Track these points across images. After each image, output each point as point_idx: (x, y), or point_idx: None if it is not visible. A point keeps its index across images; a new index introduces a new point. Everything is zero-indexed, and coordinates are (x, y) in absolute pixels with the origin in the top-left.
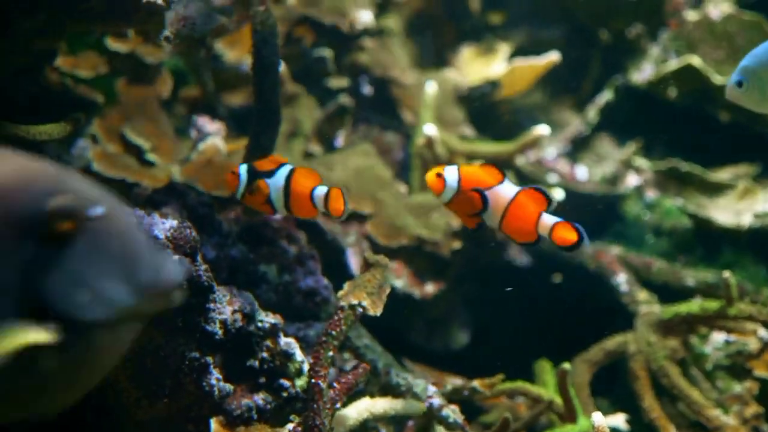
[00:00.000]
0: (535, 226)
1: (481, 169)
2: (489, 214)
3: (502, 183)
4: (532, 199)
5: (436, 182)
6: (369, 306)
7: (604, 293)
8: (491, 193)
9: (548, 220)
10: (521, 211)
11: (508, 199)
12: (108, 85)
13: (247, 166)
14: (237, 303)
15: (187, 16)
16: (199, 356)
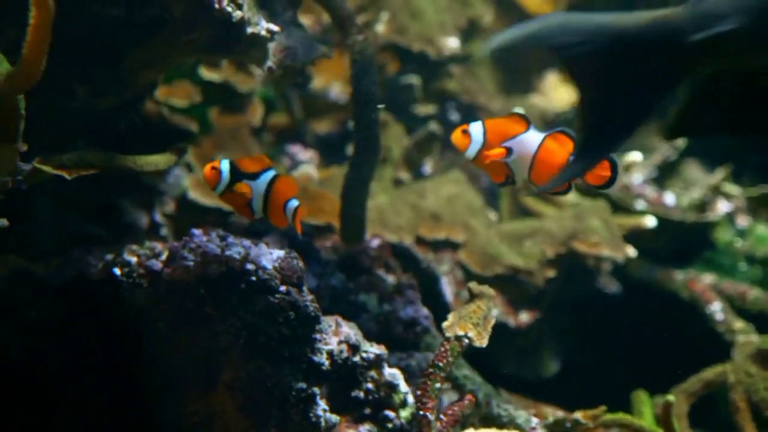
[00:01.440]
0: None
1: (506, 119)
2: (517, 164)
3: (527, 131)
4: (559, 143)
5: (461, 138)
6: (475, 337)
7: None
8: (517, 142)
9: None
10: (549, 156)
11: (534, 147)
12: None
13: (229, 163)
14: (343, 333)
15: (289, 46)
16: (306, 387)
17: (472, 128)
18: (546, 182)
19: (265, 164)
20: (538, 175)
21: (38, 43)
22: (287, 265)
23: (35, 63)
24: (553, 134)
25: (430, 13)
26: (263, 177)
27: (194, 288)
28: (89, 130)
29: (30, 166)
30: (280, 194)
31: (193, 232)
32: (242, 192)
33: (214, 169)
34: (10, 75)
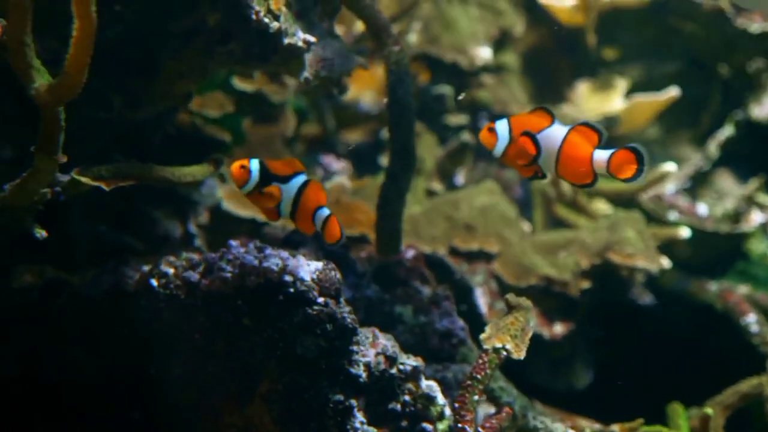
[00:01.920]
0: (590, 164)
1: (531, 115)
2: (543, 158)
3: (552, 125)
4: (583, 136)
5: (488, 137)
6: (513, 349)
7: (732, 334)
8: (543, 136)
9: (602, 154)
10: (574, 149)
11: (559, 140)
12: (235, 124)
13: (259, 163)
14: (380, 345)
15: (326, 57)
16: (343, 399)
17: (498, 126)
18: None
19: (296, 168)
20: (565, 167)
21: (81, 55)
22: (325, 276)
23: (77, 74)
24: (577, 127)
25: (462, 23)
26: (294, 181)
27: (232, 299)
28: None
29: (68, 178)
30: (310, 201)
31: (231, 243)
32: (272, 194)
33: (243, 167)
34: (51, 86)
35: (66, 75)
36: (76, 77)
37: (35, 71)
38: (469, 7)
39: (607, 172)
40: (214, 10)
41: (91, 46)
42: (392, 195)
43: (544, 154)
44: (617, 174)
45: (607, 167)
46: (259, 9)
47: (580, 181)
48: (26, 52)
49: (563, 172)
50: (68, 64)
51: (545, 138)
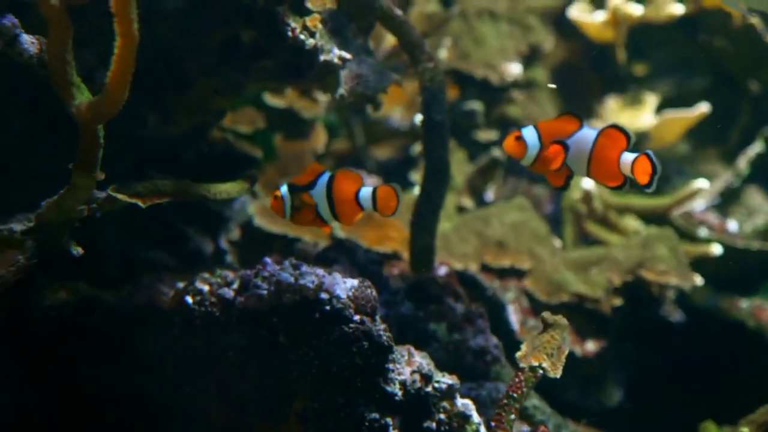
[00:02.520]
0: (618, 166)
1: (558, 120)
2: (575, 162)
3: (581, 129)
4: (613, 138)
5: (515, 146)
6: (549, 368)
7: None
8: (572, 141)
9: (628, 157)
10: (605, 151)
11: (590, 143)
12: (267, 140)
13: (287, 185)
14: (415, 363)
15: (361, 74)
16: (379, 417)
17: (526, 133)
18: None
19: (317, 170)
20: (597, 170)
21: (122, 72)
22: (361, 294)
23: (119, 92)
24: (605, 130)
25: (492, 39)
26: (320, 181)
27: (267, 317)
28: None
29: (105, 194)
30: (343, 191)
31: (266, 260)
32: (304, 202)
33: (276, 197)
34: (92, 104)
35: (107, 92)
36: (117, 94)
37: (76, 88)
38: (499, 23)
39: (630, 173)
40: (249, 27)
41: (132, 63)
42: (426, 211)
43: (576, 157)
44: (638, 179)
45: (631, 170)
46: (295, 26)
47: (612, 183)
48: (67, 69)
49: (596, 174)
50: (110, 82)
51: (577, 141)
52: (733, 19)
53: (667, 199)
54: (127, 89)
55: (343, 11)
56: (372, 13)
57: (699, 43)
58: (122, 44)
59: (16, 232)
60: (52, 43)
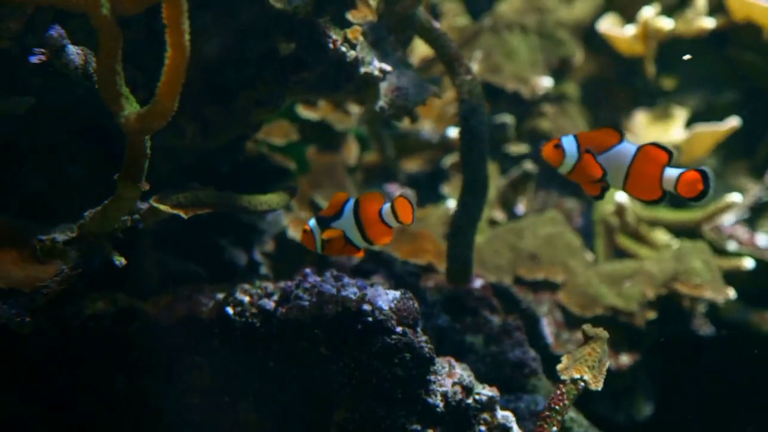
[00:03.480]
0: (659, 181)
1: (598, 132)
2: (612, 176)
3: (621, 143)
4: (653, 154)
5: (554, 153)
6: (590, 381)
7: None
8: (612, 154)
9: (672, 173)
10: (644, 167)
11: (629, 158)
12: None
13: (315, 218)
14: (456, 375)
15: (401, 86)
16: (420, 429)
17: (565, 142)
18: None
19: (342, 200)
20: (634, 185)
21: (173, 83)
22: (403, 305)
23: (169, 102)
24: (645, 146)
25: (522, 53)
26: (345, 209)
27: (309, 328)
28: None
29: (147, 205)
30: (369, 213)
31: (307, 272)
32: (333, 236)
33: (306, 231)
34: (141, 115)
35: (157, 103)
36: (167, 105)
37: (124, 99)
38: (530, 37)
39: (674, 190)
40: (289, 39)
41: (183, 74)
42: (464, 224)
43: (613, 170)
44: (684, 193)
45: (675, 185)
46: (336, 38)
47: (649, 198)
48: (116, 80)
49: (632, 189)
50: (160, 92)
51: (615, 154)
52: (763, 33)
53: (699, 213)
54: (176, 100)
55: (383, 24)
56: (411, 25)
57: (728, 57)
58: (173, 55)
59: (59, 242)
60: (102, 54)
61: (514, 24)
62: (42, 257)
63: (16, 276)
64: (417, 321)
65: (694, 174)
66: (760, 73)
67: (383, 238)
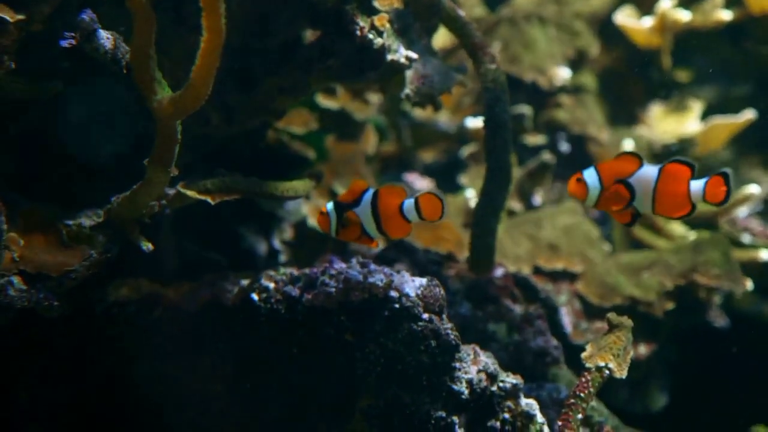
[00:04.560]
0: (688, 196)
1: (617, 160)
2: (639, 200)
3: (642, 167)
4: (676, 171)
5: (577, 188)
6: (615, 369)
7: None
8: (635, 180)
9: (698, 185)
10: (670, 186)
11: (653, 180)
12: (319, 141)
13: (333, 202)
14: (481, 362)
15: (426, 74)
16: (445, 415)
17: (587, 175)
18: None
19: (361, 188)
20: (663, 206)
21: (208, 67)
22: (430, 292)
23: (203, 86)
24: (667, 165)
25: (541, 43)
26: (364, 199)
27: (335, 314)
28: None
29: (174, 191)
30: (388, 205)
31: (333, 258)
32: (350, 220)
33: (323, 213)
34: (174, 99)
35: (191, 87)
36: (201, 89)
37: (157, 83)
38: (548, 28)
39: (703, 200)
40: (315, 26)
41: (218, 58)
42: (487, 213)
43: (639, 195)
44: (712, 200)
45: (703, 196)
46: (363, 25)
47: (679, 214)
48: (150, 64)
49: (661, 209)
50: (194, 76)
51: (639, 180)
52: None
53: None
54: (210, 84)
55: (409, 11)
56: (436, 13)
57: (744, 49)
58: (209, 38)
59: (86, 227)
60: (136, 37)
61: (532, 15)
62: (69, 242)
63: (44, 260)
64: (443, 308)
65: (717, 179)
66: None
67: (400, 232)
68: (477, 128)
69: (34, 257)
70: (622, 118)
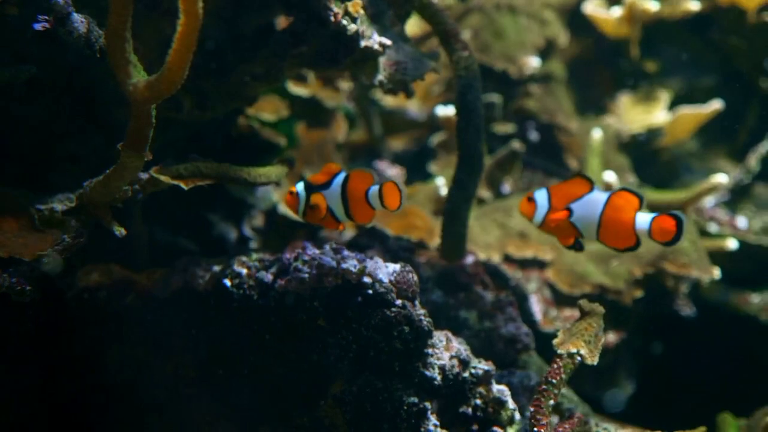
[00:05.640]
0: (632, 228)
1: (569, 183)
2: (584, 225)
3: (591, 192)
4: (624, 200)
5: (527, 206)
6: (587, 355)
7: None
8: (582, 204)
9: (644, 218)
10: (616, 214)
11: (600, 206)
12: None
13: (303, 182)
14: (453, 348)
15: (399, 61)
16: (418, 401)
17: (537, 195)
18: (614, 241)
19: (333, 171)
20: (607, 233)
21: (184, 51)
22: (403, 278)
23: (179, 70)
24: (617, 193)
25: (511, 32)
26: (335, 182)
27: (308, 300)
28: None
29: (147, 176)
30: (355, 191)
31: (306, 244)
32: (317, 203)
33: (292, 193)
34: (149, 82)
35: (167, 71)
36: (177, 73)
37: (132, 66)
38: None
39: (648, 236)
40: (288, 13)
41: (195, 42)
42: (459, 200)
43: (585, 220)
44: (658, 239)
45: (648, 232)
46: (337, 11)
47: (623, 246)
48: (125, 47)
49: (605, 238)
50: (171, 60)
51: (586, 204)
52: (747, 16)
53: (684, 194)
54: (187, 68)
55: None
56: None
57: (710, 40)
58: (186, 22)
59: (58, 212)
60: (112, 19)
61: (502, 4)
62: (41, 227)
63: (15, 245)
64: (416, 294)
65: (666, 218)
66: (743, 56)
67: (364, 218)
68: (447, 116)
69: (6, 241)
70: (591, 108)
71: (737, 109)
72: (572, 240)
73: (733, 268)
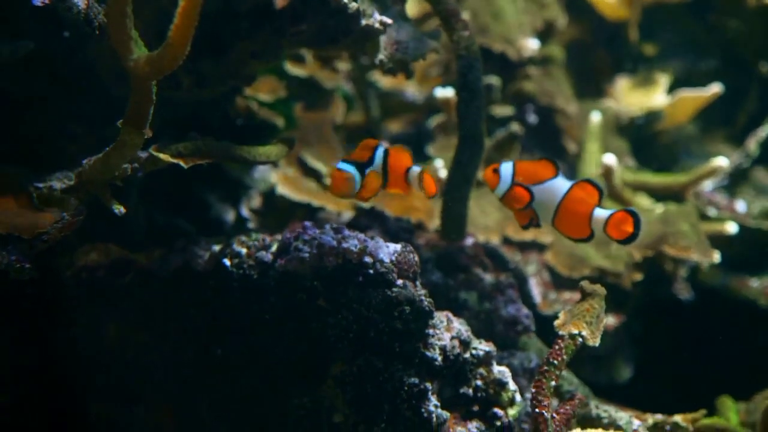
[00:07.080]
0: (588, 221)
1: (536, 163)
2: (542, 209)
3: (555, 178)
4: (585, 192)
5: (491, 177)
6: (588, 336)
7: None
8: (543, 188)
9: (601, 213)
10: (574, 205)
11: (560, 194)
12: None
13: (347, 163)
14: (454, 329)
15: (400, 40)
16: (418, 382)
17: (503, 168)
18: (568, 230)
19: (372, 146)
20: (562, 222)
21: (186, 27)
22: (404, 258)
23: (180, 46)
24: (580, 183)
25: (509, 14)
26: (376, 156)
27: (308, 280)
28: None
29: (147, 154)
30: (397, 166)
31: (306, 224)
32: (372, 181)
33: (342, 176)
34: (151, 58)
35: (169, 46)
36: (178, 49)
37: (134, 42)
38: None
39: (603, 232)
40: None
41: (196, 18)
42: (460, 181)
43: (543, 204)
44: (612, 235)
45: (604, 227)
46: None
47: (576, 236)
48: (126, 22)
49: (560, 225)
50: (172, 35)
51: (547, 189)
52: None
53: (684, 177)
54: (188, 44)
55: None
56: None
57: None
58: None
59: (57, 189)
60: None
61: None
62: (40, 205)
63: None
64: (417, 274)
65: (624, 216)
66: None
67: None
68: (446, 98)
69: (4, 219)
70: (590, 91)
71: (737, 93)
72: (527, 220)
73: (732, 252)
